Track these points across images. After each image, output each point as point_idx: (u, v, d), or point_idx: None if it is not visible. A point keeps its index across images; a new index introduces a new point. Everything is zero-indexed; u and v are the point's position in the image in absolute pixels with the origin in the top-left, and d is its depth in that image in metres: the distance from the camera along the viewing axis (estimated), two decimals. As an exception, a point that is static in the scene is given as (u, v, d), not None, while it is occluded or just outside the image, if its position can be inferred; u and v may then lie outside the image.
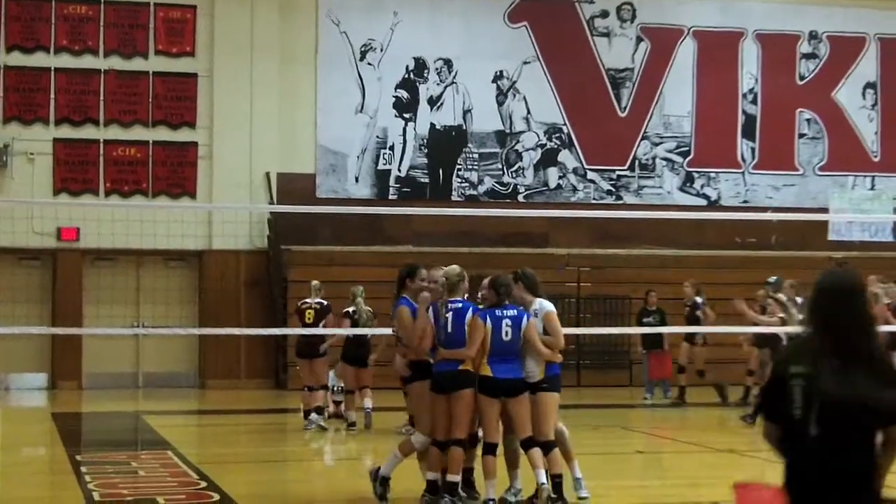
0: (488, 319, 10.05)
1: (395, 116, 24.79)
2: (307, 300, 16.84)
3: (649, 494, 10.04)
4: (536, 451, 9.87)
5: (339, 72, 24.44)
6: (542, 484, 9.73)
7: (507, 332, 10.00)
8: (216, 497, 10.49)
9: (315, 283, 16.91)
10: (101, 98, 23.43)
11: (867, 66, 26.81)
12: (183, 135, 23.73)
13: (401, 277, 10.68)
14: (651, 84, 25.76)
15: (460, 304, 10.12)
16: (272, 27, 24.07)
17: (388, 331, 12.31)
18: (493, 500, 9.87)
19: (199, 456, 13.81)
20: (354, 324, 16.27)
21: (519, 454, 10.18)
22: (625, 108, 25.71)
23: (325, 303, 16.71)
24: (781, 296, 17.85)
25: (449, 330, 10.03)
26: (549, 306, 10.31)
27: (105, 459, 13.43)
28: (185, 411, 20.36)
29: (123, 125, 23.51)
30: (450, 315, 10.05)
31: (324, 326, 16.49)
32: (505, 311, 10.09)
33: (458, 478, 9.99)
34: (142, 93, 23.57)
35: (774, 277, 18.81)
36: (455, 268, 10.36)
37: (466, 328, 9.99)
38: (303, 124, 24.26)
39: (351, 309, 16.37)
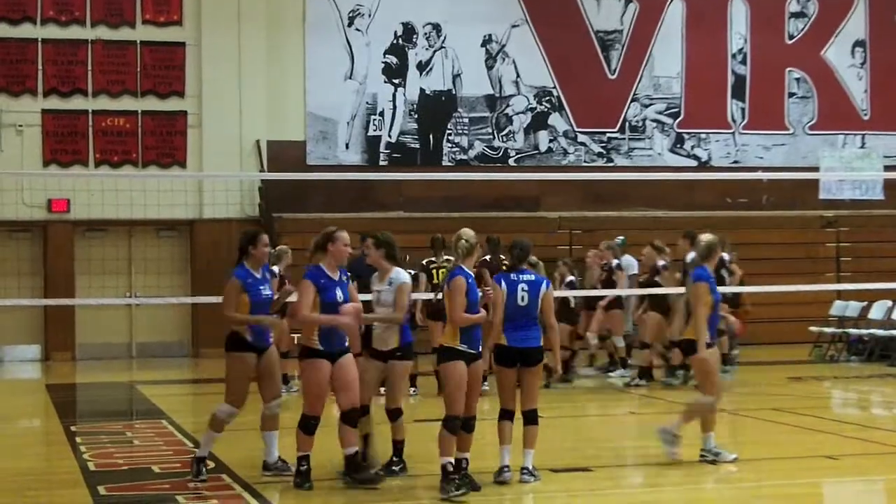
0: (503, 283, 9.90)
1: (385, 82, 24.74)
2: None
3: (647, 454, 10.12)
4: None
5: (328, 38, 24.37)
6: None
7: (523, 298, 9.84)
8: (211, 464, 10.51)
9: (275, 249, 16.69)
10: (89, 69, 23.36)
11: (856, 24, 26.77)
12: (172, 104, 23.68)
13: (242, 245, 10.61)
14: (640, 46, 25.72)
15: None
16: (260, -6, 24.00)
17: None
18: (507, 466, 9.86)
19: (193, 424, 13.82)
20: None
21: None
22: (614, 70, 25.67)
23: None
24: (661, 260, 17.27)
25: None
26: (404, 277, 10.11)
27: (100, 430, 13.47)
28: (178, 380, 20.40)
29: (112, 95, 23.45)
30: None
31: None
32: (521, 276, 9.94)
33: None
34: (130, 63, 23.50)
35: (620, 238, 18.47)
36: (469, 231, 9.94)
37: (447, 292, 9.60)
38: (292, 92, 24.20)
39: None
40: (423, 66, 24.91)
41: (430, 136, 24.94)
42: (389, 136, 24.73)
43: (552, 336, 10.00)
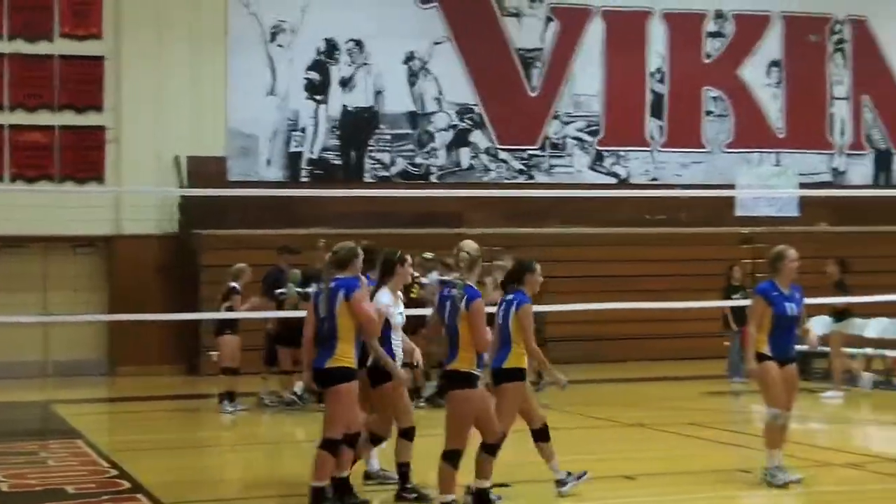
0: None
1: (307, 98, 24.70)
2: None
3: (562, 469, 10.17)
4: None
5: (249, 53, 24.28)
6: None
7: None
8: (127, 485, 10.44)
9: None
10: (6, 82, 23.06)
11: (772, 44, 27.20)
12: (90, 118, 23.44)
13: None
14: (561, 64, 25.92)
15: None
16: (181, 9, 23.82)
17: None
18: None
19: (110, 444, 13.72)
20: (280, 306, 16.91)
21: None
22: (535, 87, 25.85)
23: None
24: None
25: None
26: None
27: (13, 450, 13.28)
28: (95, 399, 20.16)
29: (28, 109, 23.17)
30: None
31: (228, 308, 16.71)
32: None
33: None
34: (47, 76, 23.23)
35: (429, 254, 18.10)
36: (471, 243, 9.57)
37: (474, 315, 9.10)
38: (213, 107, 24.05)
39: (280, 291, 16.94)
40: (345, 83, 24.91)
41: (352, 153, 24.94)
42: (311, 152, 24.69)
43: None
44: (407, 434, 10.07)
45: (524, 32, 25.81)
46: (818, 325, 18.21)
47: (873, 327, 20.20)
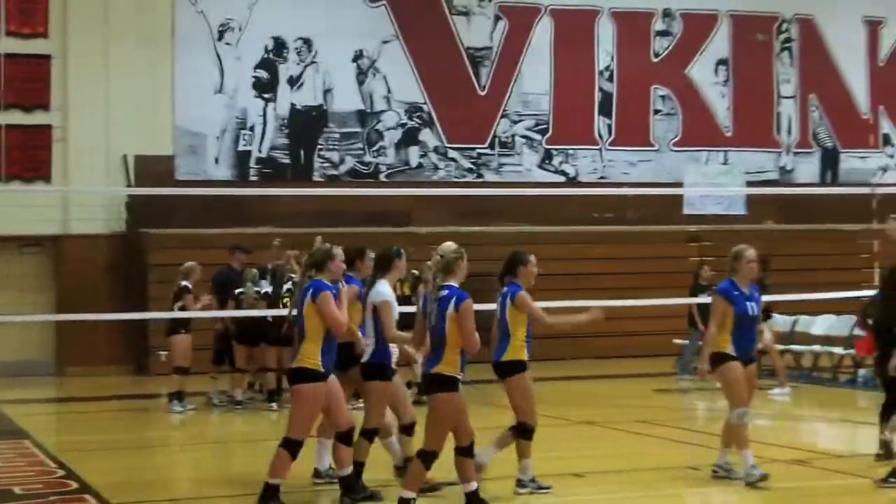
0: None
1: (255, 97, 24.61)
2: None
3: (512, 468, 10.21)
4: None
5: (197, 52, 24.16)
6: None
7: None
8: (75, 485, 10.37)
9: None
10: (-49, 82, 22.85)
11: (719, 44, 27.39)
12: (37, 118, 23.25)
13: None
14: (510, 63, 25.97)
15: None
16: (128, 7, 23.69)
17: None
18: None
19: (58, 444, 13.63)
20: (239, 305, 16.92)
21: None
22: (484, 86, 25.89)
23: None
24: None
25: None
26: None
27: (-40, 451, 13.18)
28: (43, 399, 20.02)
29: (-26, 109, 22.97)
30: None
31: (181, 308, 16.64)
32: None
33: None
34: (-7, 76, 23.05)
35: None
36: (448, 245, 9.72)
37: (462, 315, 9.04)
38: (160, 105, 23.92)
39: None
40: (293, 81, 24.84)
41: (301, 152, 24.88)
42: (260, 150, 24.60)
43: None
44: (407, 430, 10.28)
45: (473, 31, 25.84)
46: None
47: (820, 325, 20.40)
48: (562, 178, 26.16)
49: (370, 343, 9.98)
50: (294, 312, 9.65)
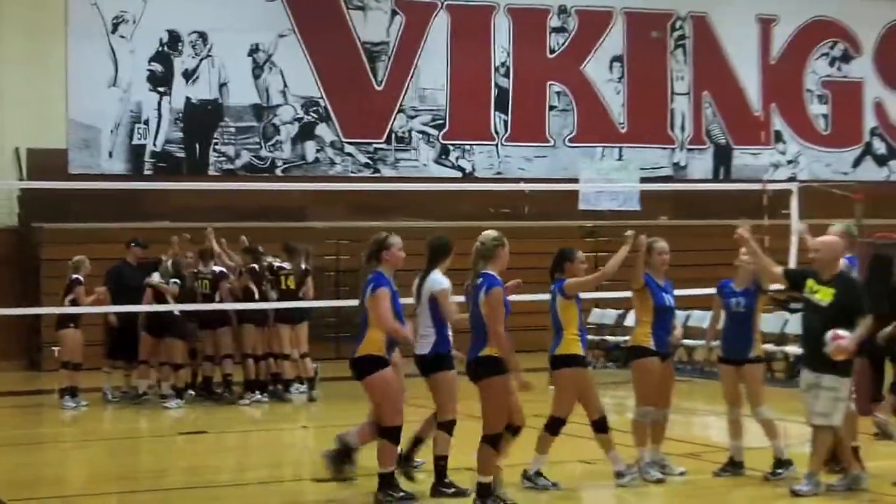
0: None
1: (150, 90, 24.39)
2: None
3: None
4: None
5: (91, 44, 23.87)
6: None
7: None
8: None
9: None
10: None
11: (614, 40, 27.70)
12: (-75, 110, 22.84)
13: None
14: (406, 57, 26.03)
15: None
16: (19, -1, 23.36)
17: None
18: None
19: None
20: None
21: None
22: (381, 81, 25.91)
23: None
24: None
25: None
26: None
27: None
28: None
29: None
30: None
31: (72, 301, 16.66)
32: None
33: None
34: None
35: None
36: (490, 233, 9.89)
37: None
38: (53, 98, 23.61)
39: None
40: (188, 75, 24.64)
41: (197, 146, 24.70)
42: (154, 144, 24.39)
43: None
44: (446, 427, 10.01)
45: (370, 26, 25.85)
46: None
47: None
48: (458, 174, 26.29)
49: (427, 334, 9.93)
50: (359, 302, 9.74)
